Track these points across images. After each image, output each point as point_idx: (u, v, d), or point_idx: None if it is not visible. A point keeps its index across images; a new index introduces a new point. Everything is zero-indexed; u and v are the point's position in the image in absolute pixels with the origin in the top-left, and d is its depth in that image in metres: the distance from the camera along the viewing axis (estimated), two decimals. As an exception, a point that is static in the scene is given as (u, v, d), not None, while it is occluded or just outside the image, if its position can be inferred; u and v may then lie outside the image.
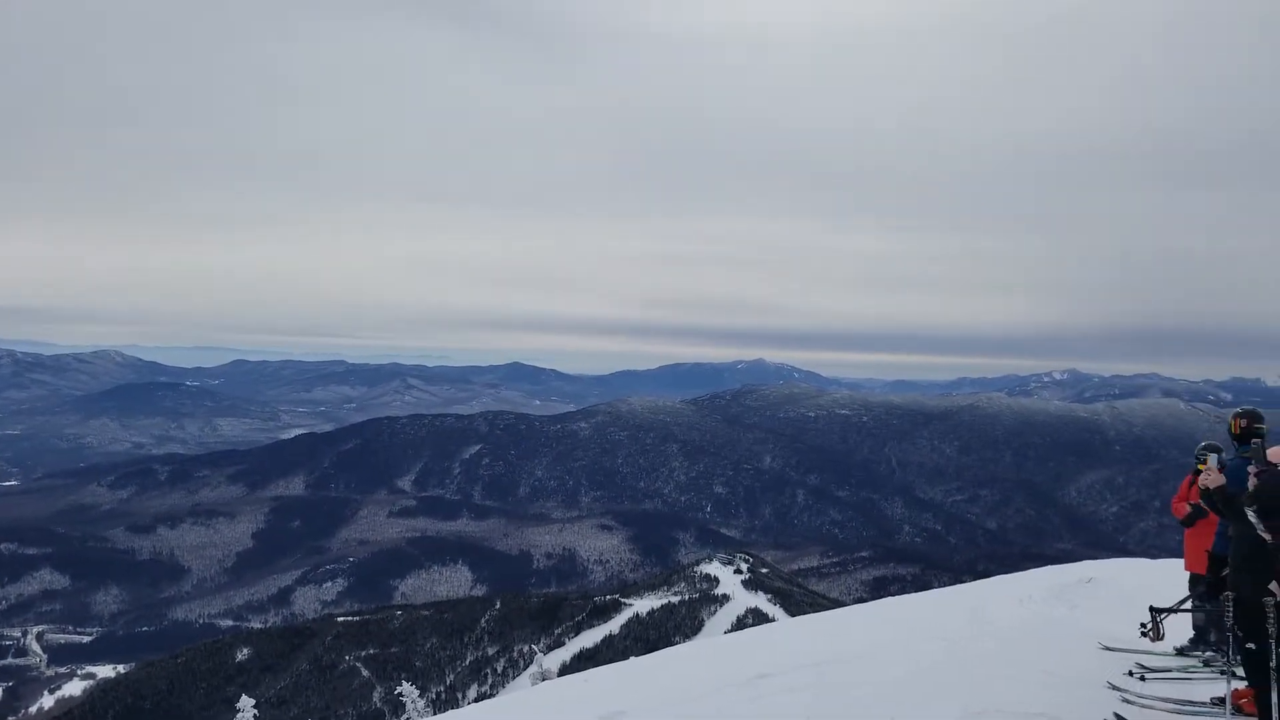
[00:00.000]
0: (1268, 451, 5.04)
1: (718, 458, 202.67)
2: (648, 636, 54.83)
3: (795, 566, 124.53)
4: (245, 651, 68.08)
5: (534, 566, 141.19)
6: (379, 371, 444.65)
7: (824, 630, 11.40)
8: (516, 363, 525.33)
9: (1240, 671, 5.53)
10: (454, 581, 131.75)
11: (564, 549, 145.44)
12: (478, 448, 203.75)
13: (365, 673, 62.10)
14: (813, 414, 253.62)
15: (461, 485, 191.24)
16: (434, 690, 57.08)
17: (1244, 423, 6.13)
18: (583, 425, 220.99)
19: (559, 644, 60.77)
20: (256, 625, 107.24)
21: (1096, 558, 18.92)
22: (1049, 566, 15.90)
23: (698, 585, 69.86)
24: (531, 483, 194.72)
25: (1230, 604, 4.91)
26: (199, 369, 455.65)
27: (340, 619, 77.60)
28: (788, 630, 13.11)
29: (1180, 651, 7.71)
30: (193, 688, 62.37)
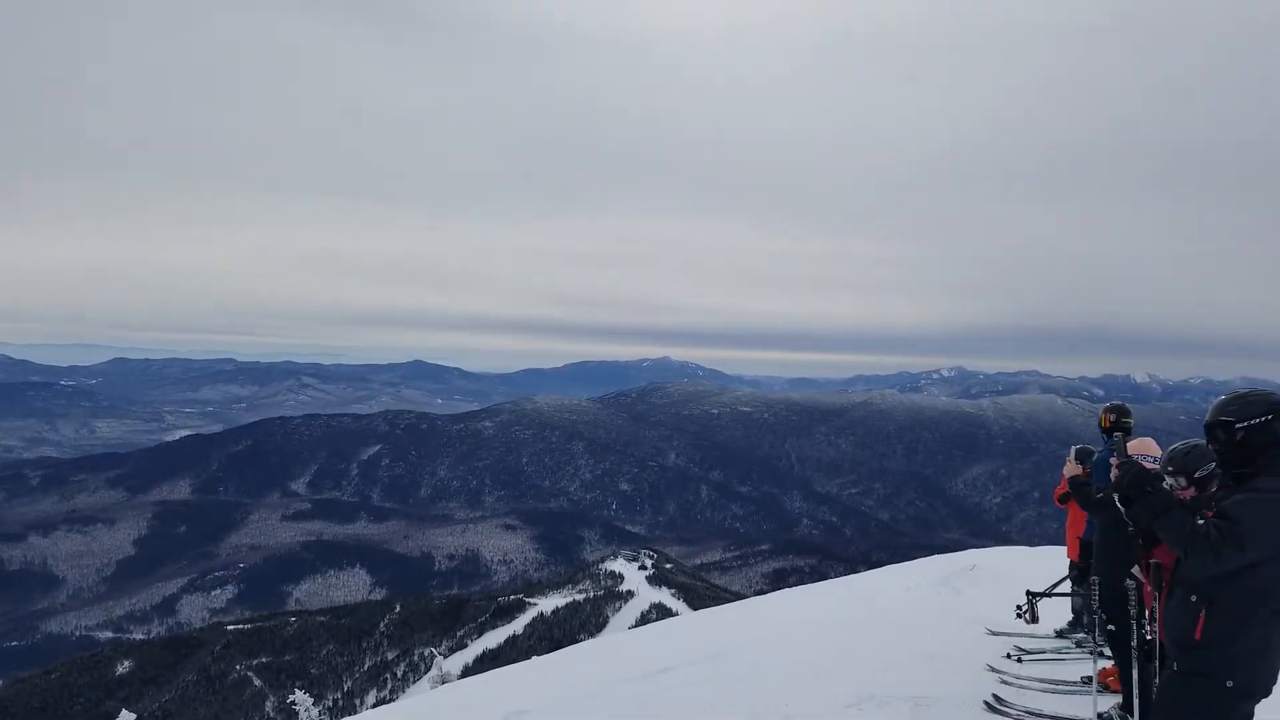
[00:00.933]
0: (1129, 445, 5.38)
1: (623, 455, 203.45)
2: (552, 635, 54.59)
3: (699, 561, 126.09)
4: (126, 664, 64.59)
5: (436, 568, 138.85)
6: (271, 370, 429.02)
7: (724, 623, 11.57)
8: (418, 361, 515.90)
9: (1108, 651, 5.90)
10: (352, 586, 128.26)
11: (467, 550, 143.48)
12: (377, 448, 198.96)
13: (257, 682, 59.84)
14: (716, 411, 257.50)
15: (360, 487, 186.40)
16: (330, 697, 55.50)
17: (1112, 417, 6.51)
18: (487, 424, 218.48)
19: (461, 646, 59.91)
20: (139, 636, 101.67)
21: (981, 546, 19.75)
22: (936, 556, 16.53)
23: (603, 583, 69.90)
24: (433, 483, 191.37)
25: (1095, 588, 5.22)
26: (74, 368, 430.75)
27: (230, 627, 74.45)
28: (689, 624, 13.26)
29: (1059, 634, 8.14)
30: (68, 704, 58.80)
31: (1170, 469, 4.23)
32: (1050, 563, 12.48)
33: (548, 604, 64.69)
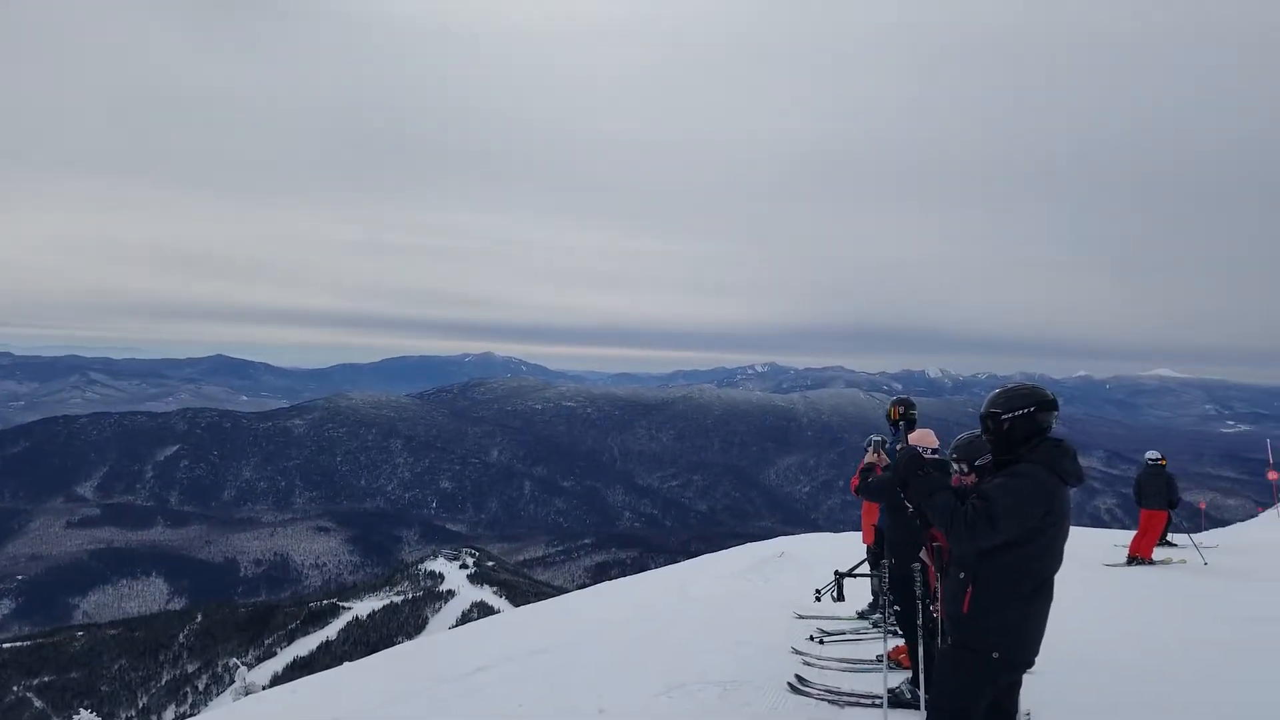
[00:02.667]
0: (911, 435, 5.83)
1: (444, 452, 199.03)
2: (369, 639, 52.85)
3: (522, 557, 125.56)
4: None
5: (242, 574, 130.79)
6: (54, 365, 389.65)
7: (544, 619, 11.57)
8: (220, 355, 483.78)
9: (900, 630, 6.37)
10: (147, 596, 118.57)
11: (275, 554, 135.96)
12: (175, 448, 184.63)
13: (38, 704, 54.47)
14: (540, 406, 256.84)
15: (155, 490, 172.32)
16: (123, 715, 51.50)
17: (901, 409, 7.04)
18: (297, 422, 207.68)
19: (270, 655, 56.95)
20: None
21: (791, 533, 20.76)
22: (749, 544, 17.23)
23: (422, 583, 68.40)
24: (238, 485, 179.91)
25: (886, 570, 5.62)
26: None
27: (7, 645, 67.10)
28: (509, 622, 13.17)
29: (860, 615, 8.69)
30: None
31: (955, 457, 4.66)
32: (853, 548, 13.29)
33: (363, 607, 62.60)
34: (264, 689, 15.48)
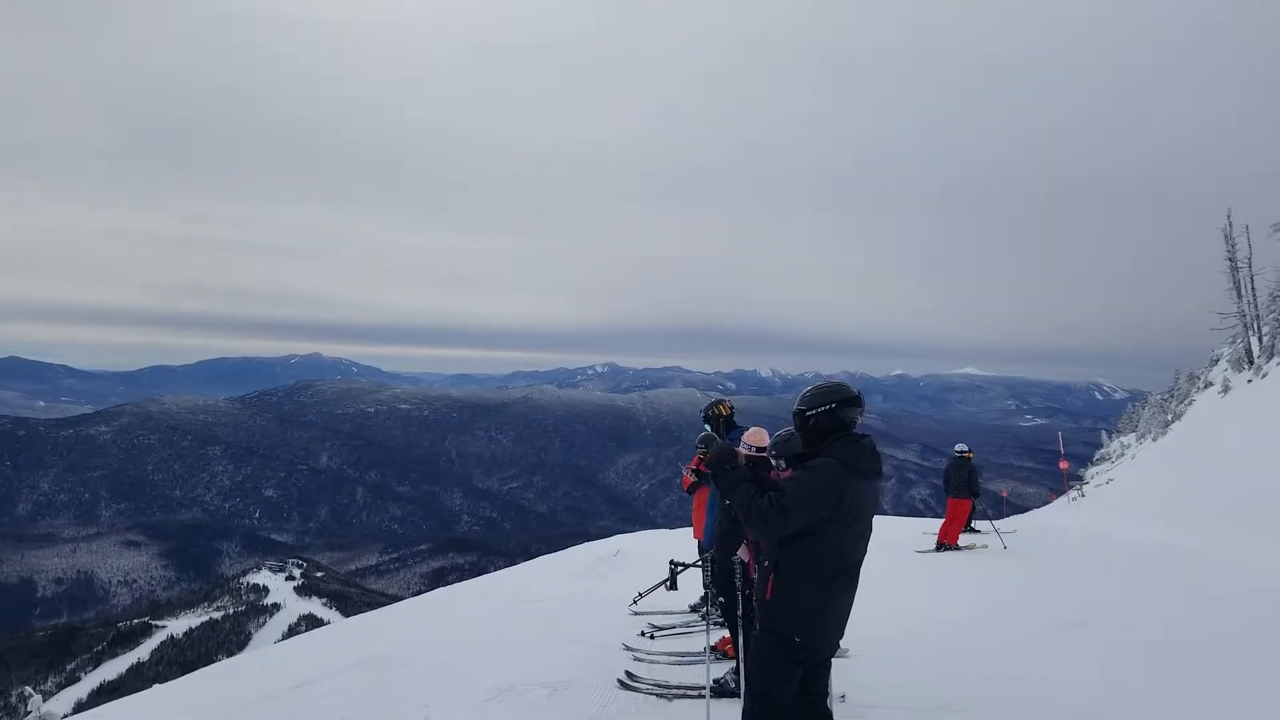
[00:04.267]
0: (747, 433, 6.02)
1: (268, 459, 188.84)
2: (184, 659, 49.53)
3: (354, 566, 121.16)
4: None
5: (39, 595, 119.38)
6: None
7: (375, 628, 11.17)
8: (14, 357, 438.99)
9: (725, 620, 6.56)
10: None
11: (78, 572, 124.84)
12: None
13: None
14: (373, 409, 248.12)
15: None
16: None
17: (718, 410, 7.36)
18: (102, 429, 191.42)
19: (73, 680, 52.38)
20: None
21: (630, 532, 20.97)
22: (586, 544, 17.30)
23: (244, 597, 64.77)
24: (35, 498, 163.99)
25: (709, 564, 5.79)
26: None
27: None
28: (337, 633, 12.62)
29: (693, 608, 8.89)
30: None
31: (774, 453, 4.84)
32: (688, 543, 13.59)
33: (179, 625, 58.65)
34: (64, 718, 14.16)
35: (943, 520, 15.92)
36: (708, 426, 7.59)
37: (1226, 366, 30.37)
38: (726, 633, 6.63)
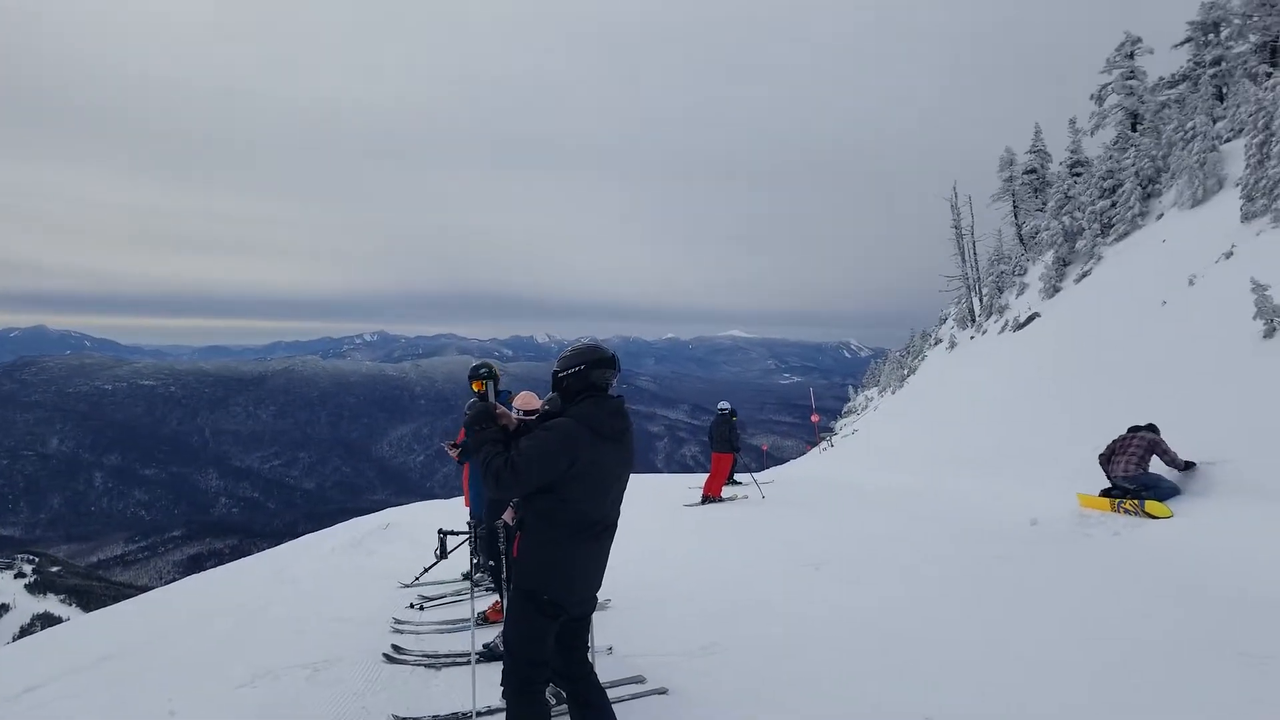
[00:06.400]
0: (517, 397, 5.92)
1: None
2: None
3: (96, 558, 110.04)
4: None
5: None
6: None
7: (118, 622, 10.07)
8: None
9: (494, 585, 6.48)
10: None
11: None
12: None
13: None
14: (110, 386, 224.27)
15: None
16: None
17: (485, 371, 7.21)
18: None
19: None
20: None
21: (404, 504, 20.34)
22: (354, 519, 16.58)
23: (-42, 603, 57.10)
24: None
25: (475, 529, 5.68)
26: None
27: None
28: (75, 630, 11.30)
29: (465, 576, 8.72)
30: None
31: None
32: (461, 512, 13.34)
33: None
34: None
35: (708, 475, 16.71)
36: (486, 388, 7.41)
37: (953, 325, 33.97)
38: (497, 598, 6.56)
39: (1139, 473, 9.48)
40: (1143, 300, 16.88)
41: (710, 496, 15.86)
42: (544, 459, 3.51)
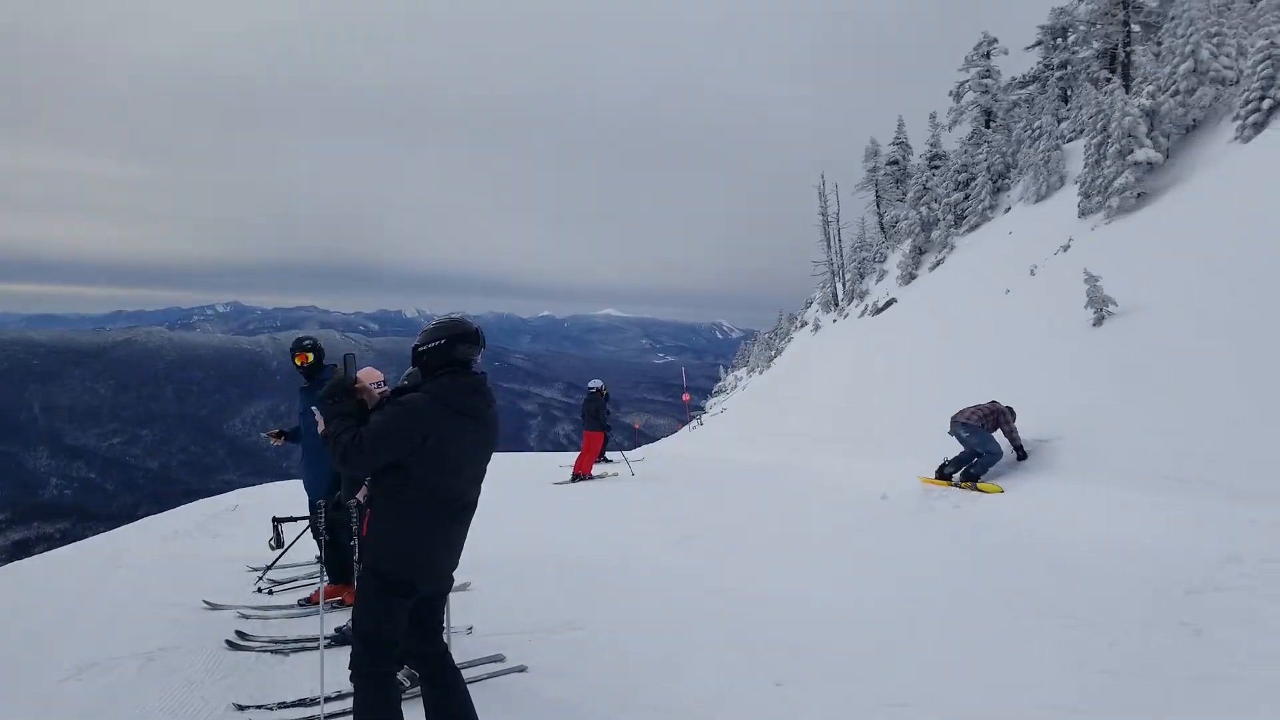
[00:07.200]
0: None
1: None
2: None
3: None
4: None
5: None
6: None
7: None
8: None
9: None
10: None
11: None
12: None
13: None
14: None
15: None
16: None
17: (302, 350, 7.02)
18: None
19: None
20: None
21: (259, 484, 19.43)
22: (200, 500, 15.70)
23: None
24: None
25: (322, 510, 5.44)
26: None
27: None
28: None
29: (319, 559, 8.34)
30: None
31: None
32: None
33: None
34: None
35: (579, 453, 16.70)
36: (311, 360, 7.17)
37: (818, 308, 35.14)
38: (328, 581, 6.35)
39: (979, 426, 9.97)
40: (990, 288, 17.89)
41: (581, 474, 15.85)
42: (393, 435, 3.36)
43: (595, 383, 17.31)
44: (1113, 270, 12.60)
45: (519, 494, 13.63)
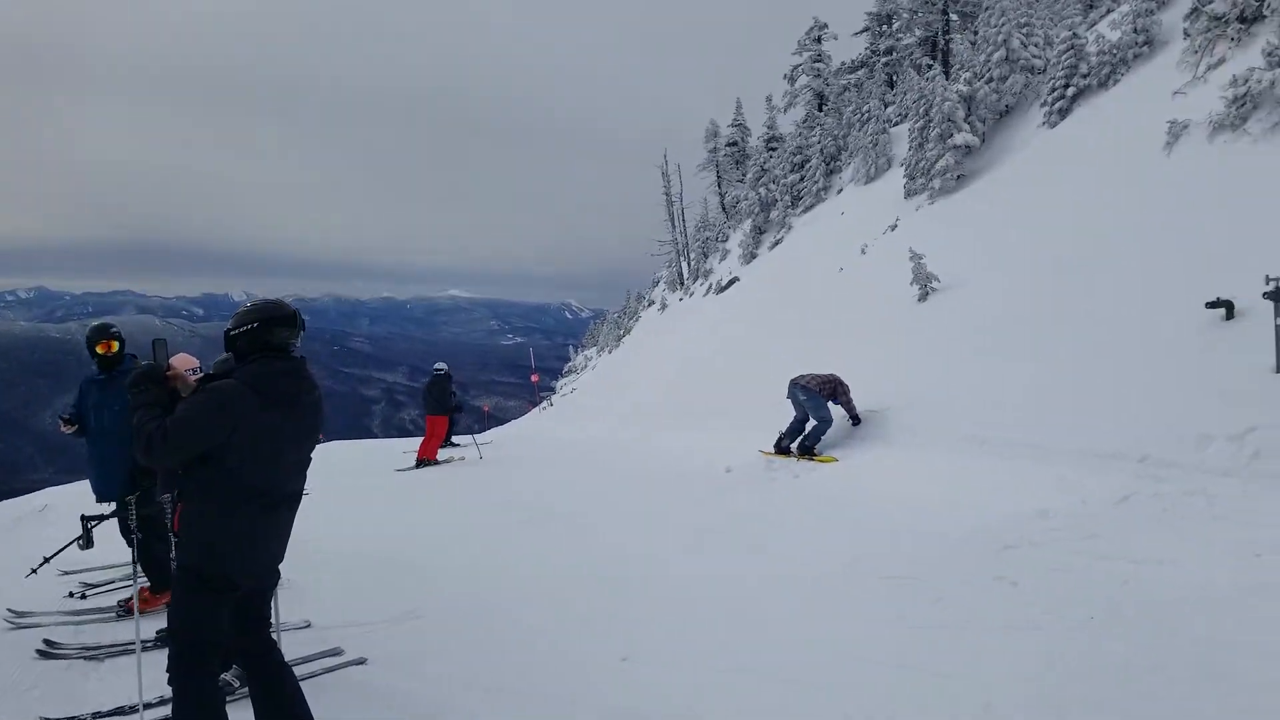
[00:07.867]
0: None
1: None
2: None
3: None
4: None
5: None
6: None
7: None
8: None
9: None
10: None
11: None
12: None
13: None
14: None
15: None
16: None
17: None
18: None
19: None
20: None
21: (68, 483, 17.92)
22: (5, 501, 14.35)
23: None
24: None
25: (131, 508, 5.07)
26: None
27: None
28: None
29: (135, 559, 7.75)
30: None
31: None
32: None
33: None
34: None
35: (424, 438, 16.31)
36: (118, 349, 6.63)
37: (665, 287, 35.65)
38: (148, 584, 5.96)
39: (816, 392, 10.43)
40: (825, 266, 18.67)
41: (425, 460, 15.48)
42: (199, 425, 3.13)
43: (440, 365, 17.01)
44: (935, 248, 13.41)
45: (361, 483, 13.19)
